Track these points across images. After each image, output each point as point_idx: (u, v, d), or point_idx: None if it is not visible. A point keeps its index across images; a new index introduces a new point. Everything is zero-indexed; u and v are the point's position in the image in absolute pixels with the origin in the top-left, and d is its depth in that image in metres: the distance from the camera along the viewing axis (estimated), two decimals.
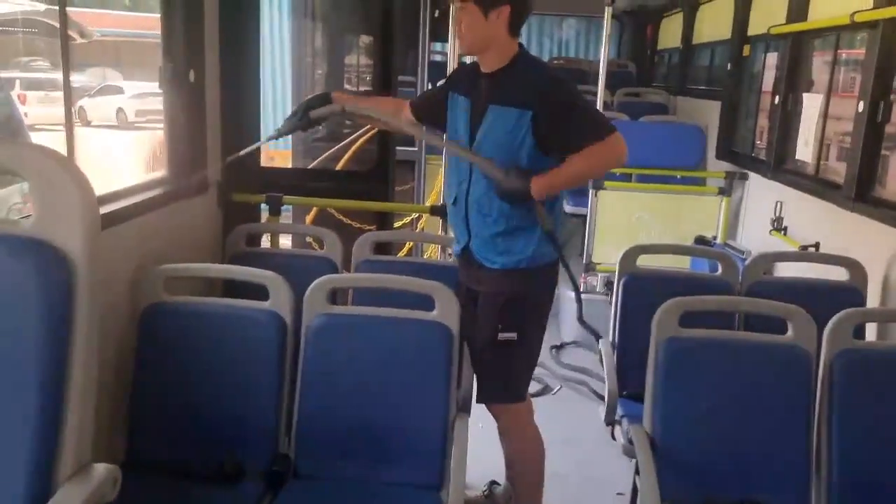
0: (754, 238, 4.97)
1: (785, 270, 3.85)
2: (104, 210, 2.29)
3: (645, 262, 3.12)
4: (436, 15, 5.36)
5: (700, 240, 4.83)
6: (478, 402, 2.69)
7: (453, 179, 2.60)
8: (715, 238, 5.10)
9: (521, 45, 2.48)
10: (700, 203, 5.30)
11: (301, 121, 2.69)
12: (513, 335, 2.53)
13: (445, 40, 5.58)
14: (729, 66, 5.75)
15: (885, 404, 2.24)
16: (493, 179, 2.41)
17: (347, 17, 5.55)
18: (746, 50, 5.56)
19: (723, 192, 5.23)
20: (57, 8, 2.31)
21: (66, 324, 0.97)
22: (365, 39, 6.02)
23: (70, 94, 2.20)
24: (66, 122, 2.28)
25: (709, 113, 6.13)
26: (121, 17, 17.23)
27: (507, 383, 2.64)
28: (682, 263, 4.40)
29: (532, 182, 2.35)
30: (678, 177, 5.64)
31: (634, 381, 2.65)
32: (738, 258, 3.91)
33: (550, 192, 2.42)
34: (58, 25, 2.30)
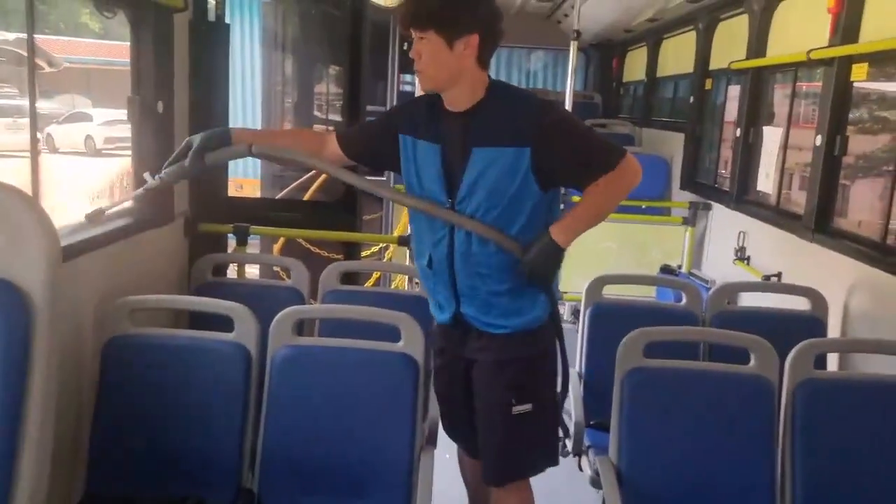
0: (718, 267, 5.05)
1: (748, 299, 3.91)
2: (67, 241, 2.27)
3: (611, 291, 3.15)
4: (405, 47, 5.41)
5: (666, 269, 4.91)
6: (485, 481, 2.36)
7: (426, 236, 2.21)
8: (680, 267, 5.18)
9: (489, 76, 2.15)
10: (665, 232, 5.39)
11: (192, 166, 2.18)
12: (528, 406, 2.20)
13: (413, 72, 5.63)
14: (692, 98, 5.88)
15: (846, 433, 2.28)
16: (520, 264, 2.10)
17: (317, 47, 5.58)
18: (708, 83, 5.70)
19: (687, 221, 5.33)
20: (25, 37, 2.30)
21: (24, 361, 0.95)
22: (335, 69, 6.05)
23: (35, 126, 2.19)
24: (32, 155, 2.26)
25: (673, 144, 6.25)
26: (92, 44, 17.14)
27: (523, 460, 2.28)
28: (648, 292, 4.46)
29: (554, 237, 2.07)
30: (643, 207, 5.73)
31: (601, 411, 2.66)
32: (702, 287, 3.97)
33: (575, 237, 2.12)
34: (26, 54, 2.29)
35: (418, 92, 2.39)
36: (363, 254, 4.96)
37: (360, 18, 4.00)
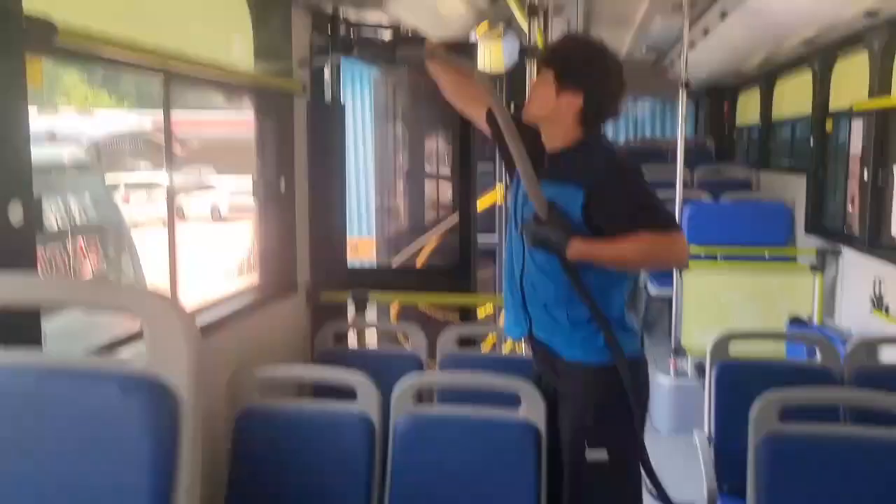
0: (854, 317, 4.75)
1: (892, 353, 3.64)
2: (204, 321, 2.41)
3: (738, 344, 3.02)
4: (512, 106, 5.49)
5: (795, 320, 4.65)
6: None
7: (508, 258, 2.38)
8: (811, 318, 4.90)
9: (594, 133, 2.27)
10: (792, 281, 5.12)
11: (386, 50, 2.61)
12: (603, 455, 2.19)
13: None
14: (811, 141, 5.64)
15: None
16: (531, 220, 2.16)
17: (427, 112, 5.74)
18: (829, 125, 5.45)
19: (815, 269, 5.05)
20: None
21: (172, 448, 1.01)
22: (445, 130, 6.21)
23: (174, 229, 2.34)
24: (170, 254, 2.39)
25: (794, 188, 5.99)
26: (217, 119, 18.35)
27: None
28: (777, 345, 4.24)
29: (572, 244, 2.11)
30: (766, 255, 5.48)
31: (734, 476, 2.53)
32: (837, 340, 3.73)
33: (587, 258, 2.13)
34: (162, 143, 2.49)
35: None
36: (479, 312, 4.98)
37: None
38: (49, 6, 1.79)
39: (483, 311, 5.60)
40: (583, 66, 2.19)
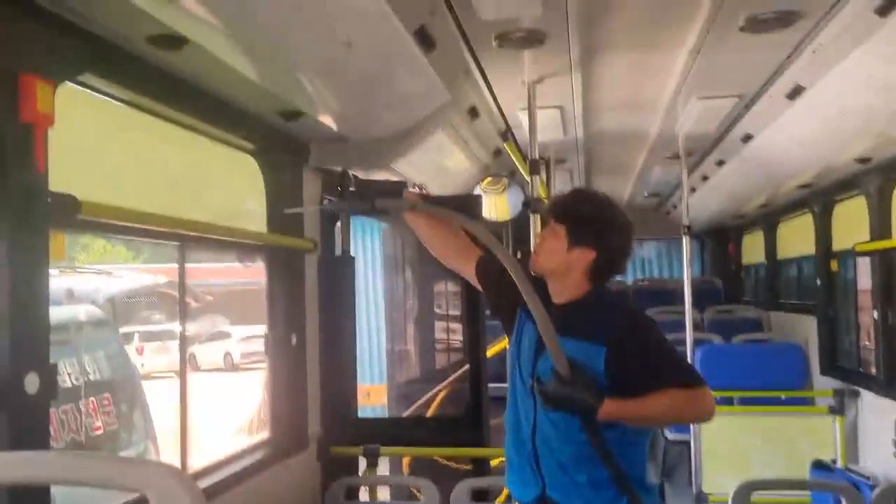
0: (878, 460, 4.59)
1: None
2: (209, 482, 2.38)
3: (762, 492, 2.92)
4: (518, 255, 5.60)
5: (818, 464, 4.50)
6: None
7: (513, 413, 2.25)
8: (834, 462, 4.74)
9: (601, 284, 2.23)
10: (811, 424, 5.00)
11: (364, 202, 2.24)
12: None
13: None
14: (818, 281, 5.68)
15: None
16: (550, 379, 2.02)
17: (433, 263, 5.87)
18: (834, 264, 5.51)
19: (834, 410, 4.94)
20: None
21: None
22: (453, 276, 6.30)
23: (186, 400, 2.37)
24: (181, 425, 2.41)
25: (805, 327, 5.97)
26: (230, 268, 18.74)
27: None
28: (800, 488, 4.08)
29: (605, 405, 1.99)
30: (783, 397, 5.39)
31: None
32: (863, 486, 3.61)
33: (618, 418, 2.04)
34: (176, 295, 2.55)
35: None
36: (493, 462, 4.86)
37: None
38: (73, 180, 1.90)
39: (497, 460, 5.47)
40: (595, 223, 2.20)
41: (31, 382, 1.62)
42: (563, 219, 2.21)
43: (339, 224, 3.72)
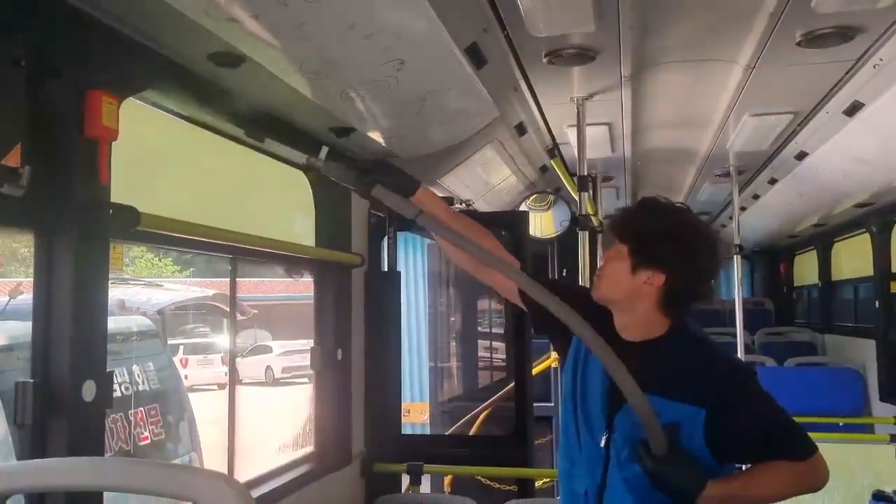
0: None
1: None
2: (258, 492, 2.38)
3: None
4: (563, 273, 5.56)
5: (879, 495, 4.33)
6: None
7: (579, 466, 1.91)
8: None
9: (682, 322, 1.90)
10: (871, 452, 4.82)
11: (358, 182, 1.84)
12: None
13: None
14: (877, 303, 5.51)
15: None
16: (645, 454, 1.73)
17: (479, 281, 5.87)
18: (894, 286, 5.34)
19: (895, 439, 4.77)
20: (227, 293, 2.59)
21: None
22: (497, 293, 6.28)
23: (234, 412, 2.38)
24: (229, 439, 2.42)
25: (863, 352, 5.78)
26: (271, 282, 19.00)
27: None
28: None
29: (708, 489, 1.71)
30: (840, 424, 5.22)
31: None
32: None
33: (721, 503, 1.75)
34: (223, 307, 2.57)
35: None
36: (537, 484, 4.80)
37: (521, 248, 4.19)
38: (131, 193, 1.94)
39: (542, 482, 5.40)
40: (661, 239, 1.84)
41: (89, 390, 1.65)
42: (625, 236, 1.88)
43: (385, 240, 3.73)
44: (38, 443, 1.60)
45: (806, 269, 8.02)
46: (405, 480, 3.56)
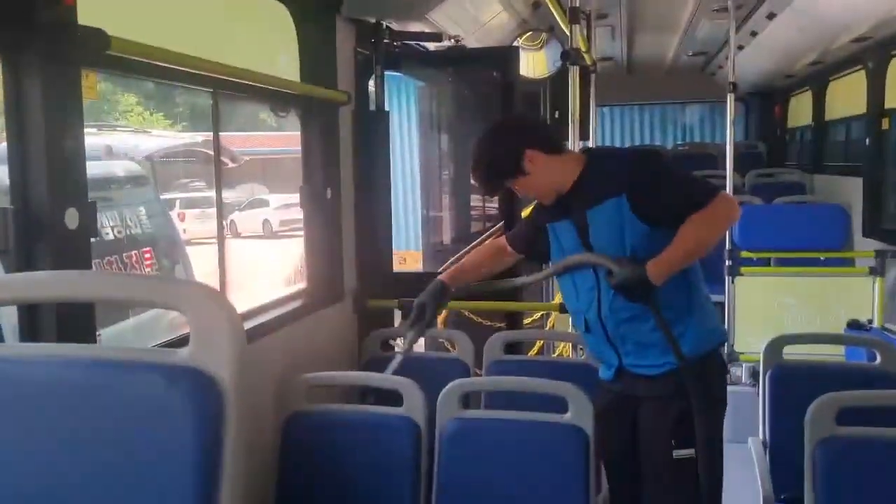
0: None
1: None
2: (250, 325, 2.45)
3: (793, 351, 2.94)
4: (556, 115, 5.48)
5: (854, 324, 4.50)
6: None
7: (581, 305, 2.35)
8: (871, 322, 4.74)
9: (586, 149, 2.42)
10: (849, 285, 4.96)
11: (424, 322, 2.49)
12: (690, 452, 2.22)
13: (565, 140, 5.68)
14: (867, 141, 5.48)
15: None
16: (607, 276, 2.19)
17: (471, 121, 5.77)
18: (885, 123, 5.29)
19: (874, 271, 4.88)
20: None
21: (216, 444, 1.02)
22: None
23: (222, 227, 2.40)
24: (219, 254, 2.47)
25: (849, 190, 5.82)
26: (267, 136, 18.75)
27: None
28: (834, 351, 4.11)
29: (647, 267, 2.13)
30: (822, 259, 5.33)
31: (790, 485, 2.46)
32: None
33: (670, 272, 2.15)
34: (212, 154, 2.55)
35: None
36: (525, 321, 4.95)
37: (511, 91, 4.11)
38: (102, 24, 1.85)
39: (530, 318, 5.57)
40: (498, 154, 2.27)
41: (72, 217, 1.65)
42: (485, 176, 2.32)
43: (373, 78, 3.64)
44: (24, 269, 1.62)
45: (800, 111, 7.92)
46: (398, 317, 3.65)
